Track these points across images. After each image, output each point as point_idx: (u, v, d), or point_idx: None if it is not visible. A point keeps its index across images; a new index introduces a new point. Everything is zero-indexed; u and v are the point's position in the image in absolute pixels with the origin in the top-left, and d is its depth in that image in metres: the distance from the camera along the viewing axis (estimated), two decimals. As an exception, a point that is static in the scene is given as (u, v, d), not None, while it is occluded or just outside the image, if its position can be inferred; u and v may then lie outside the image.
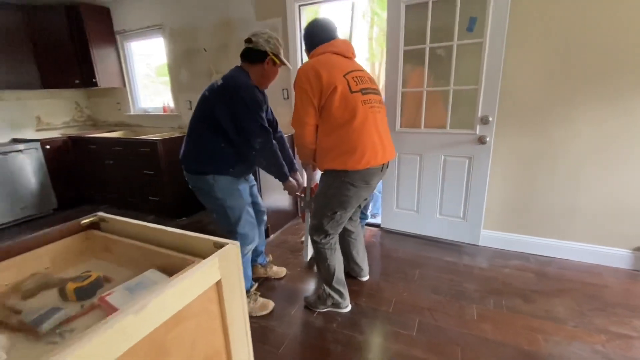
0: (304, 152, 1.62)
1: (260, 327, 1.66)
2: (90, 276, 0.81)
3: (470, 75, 2.11)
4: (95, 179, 3.62)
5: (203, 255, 0.74)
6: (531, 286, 1.92)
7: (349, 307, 1.77)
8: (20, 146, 3.24)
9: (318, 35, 1.55)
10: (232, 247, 0.74)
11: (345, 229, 1.88)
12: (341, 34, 1.68)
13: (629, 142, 1.90)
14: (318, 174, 1.77)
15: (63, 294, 0.77)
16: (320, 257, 1.71)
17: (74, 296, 0.76)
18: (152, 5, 3.33)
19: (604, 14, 1.80)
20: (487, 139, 2.13)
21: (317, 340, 1.57)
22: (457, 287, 1.93)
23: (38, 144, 3.34)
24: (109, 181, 3.51)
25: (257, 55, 1.53)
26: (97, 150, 3.45)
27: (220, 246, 0.75)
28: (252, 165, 1.72)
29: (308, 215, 1.88)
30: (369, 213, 2.72)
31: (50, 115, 3.94)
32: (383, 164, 1.53)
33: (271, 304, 1.78)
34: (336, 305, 1.75)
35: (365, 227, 2.76)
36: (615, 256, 2.07)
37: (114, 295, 0.71)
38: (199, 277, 0.66)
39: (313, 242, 1.70)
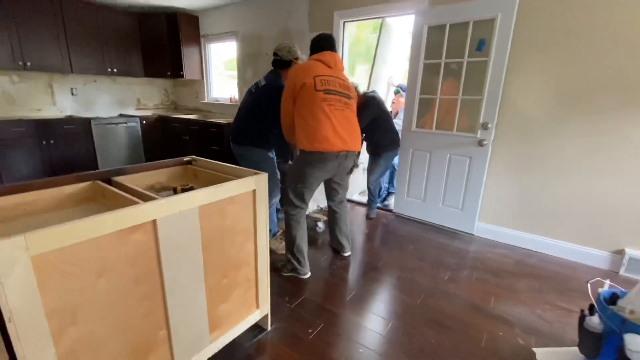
0: (285, 132, 2.08)
1: (279, 260, 2.28)
2: (188, 185, 1.49)
3: (476, 87, 2.51)
4: (174, 149, 4.61)
5: (247, 178, 1.36)
6: (506, 268, 2.28)
7: (308, 275, 2.09)
8: (126, 120, 4.31)
9: (316, 46, 2.04)
10: (262, 175, 1.36)
11: (331, 209, 2.30)
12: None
13: (613, 153, 2.15)
14: None
15: (175, 191, 1.46)
16: (286, 226, 2.07)
17: (180, 193, 1.44)
18: (230, 16, 4.17)
19: (594, 42, 2.09)
20: (485, 142, 2.50)
21: (321, 272, 2.16)
22: (440, 260, 2.36)
23: (138, 119, 4.39)
24: (185, 152, 4.42)
25: (285, 64, 2.17)
26: (178, 128, 4.41)
27: (256, 174, 1.37)
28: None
29: None
30: (383, 192, 3.23)
31: (146, 98, 5.04)
32: (339, 153, 1.90)
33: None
34: (295, 270, 2.07)
35: (377, 210, 3.25)
36: (595, 256, 2.31)
37: (201, 191, 1.37)
38: (245, 183, 1.29)
39: (284, 212, 2.06)
